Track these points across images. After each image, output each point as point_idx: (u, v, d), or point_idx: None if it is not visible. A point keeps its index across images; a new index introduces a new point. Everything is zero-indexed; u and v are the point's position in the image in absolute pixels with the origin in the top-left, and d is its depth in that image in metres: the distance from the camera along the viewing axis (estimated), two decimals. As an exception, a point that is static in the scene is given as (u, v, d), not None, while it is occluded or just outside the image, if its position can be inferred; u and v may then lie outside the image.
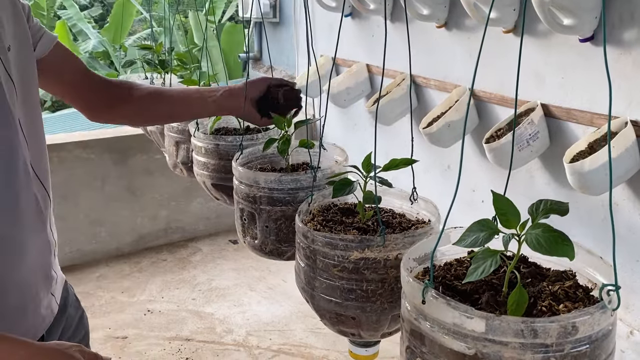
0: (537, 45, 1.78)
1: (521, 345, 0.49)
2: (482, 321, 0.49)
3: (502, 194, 0.56)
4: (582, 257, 0.60)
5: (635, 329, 1.66)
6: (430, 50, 2.22)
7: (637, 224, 1.60)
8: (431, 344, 0.53)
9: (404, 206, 0.86)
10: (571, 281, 0.59)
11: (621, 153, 1.51)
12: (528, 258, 0.64)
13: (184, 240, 3.17)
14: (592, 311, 0.49)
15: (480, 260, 0.54)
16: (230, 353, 2.24)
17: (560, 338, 0.48)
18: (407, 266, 0.61)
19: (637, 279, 1.64)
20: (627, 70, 1.54)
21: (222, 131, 1.29)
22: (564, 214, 0.54)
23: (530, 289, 0.59)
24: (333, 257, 0.74)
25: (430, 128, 1.99)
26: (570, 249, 0.51)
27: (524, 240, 0.53)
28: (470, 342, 0.50)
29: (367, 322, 0.76)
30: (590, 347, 0.50)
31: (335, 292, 0.75)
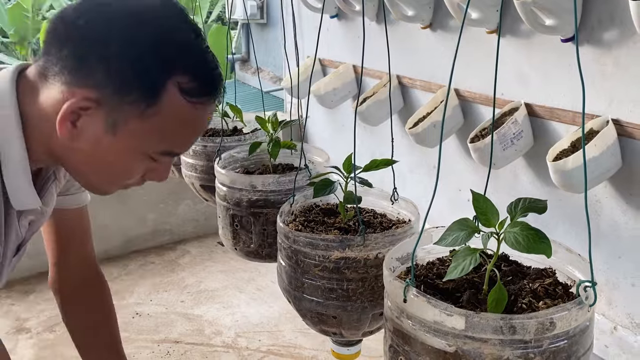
0: (520, 45, 1.81)
1: (500, 341, 0.50)
2: (462, 318, 0.50)
3: (481, 194, 0.57)
4: (562, 254, 0.62)
5: (618, 325, 1.69)
6: (416, 51, 2.24)
7: (619, 221, 1.63)
8: (413, 342, 0.54)
9: (385, 206, 0.87)
10: (551, 279, 0.61)
11: (603, 151, 1.53)
12: (509, 256, 0.66)
13: (172, 243, 3.16)
14: (569, 307, 0.51)
15: (461, 259, 0.55)
16: (220, 355, 2.24)
17: (539, 334, 0.49)
18: (390, 266, 0.61)
19: (619, 275, 1.66)
20: (607, 70, 1.57)
21: (209, 132, 1.30)
22: (541, 212, 0.55)
23: (511, 286, 0.60)
24: (314, 257, 0.75)
25: (415, 128, 2.00)
26: (548, 246, 0.52)
27: (503, 239, 0.54)
28: (450, 340, 0.51)
29: (348, 321, 0.77)
30: (568, 343, 0.51)
31: (316, 291, 0.76)
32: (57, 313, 1.23)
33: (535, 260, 0.63)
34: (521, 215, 0.55)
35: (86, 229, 1.06)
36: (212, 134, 1.27)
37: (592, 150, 1.52)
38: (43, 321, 2.45)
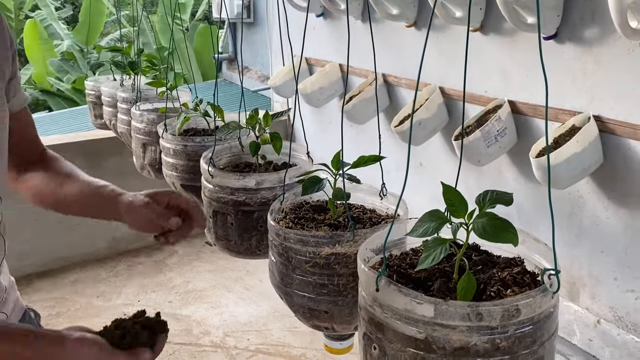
0: (503, 43, 1.82)
1: (468, 328, 0.51)
2: (431, 306, 0.51)
3: (451, 186, 0.58)
4: (530, 244, 0.63)
5: (602, 318, 1.71)
6: (401, 49, 2.26)
7: (601, 216, 1.65)
8: (385, 330, 0.55)
9: (375, 202, 0.88)
10: (519, 267, 0.62)
11: (585, 147, 1.55)
12: (480, 246, 0.67)
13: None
14: (533, 294, 0.52)
15: (431, 249, 0.56)
16: (208, 354, 2.24)
17: (505, 320, 0.51)
18: (364, 257, 0.62)
19: (602, 270, 1.68)
20: (589, 67, 1.59)
21: (190, 132, 1.30)
22: (508, 203, 0.57)
23: (481, 275, 0.61)
24: (305, 253, 0.76)
25: (401, 126, 2.02)
26: (514, 235, 0.53)
27: (472, 229, 0.55)
28: (420, 327, 0.52)
29: (339, 316, 0.77)
30: (533, 328, 0.52)
31: (308, 287, 0.77)
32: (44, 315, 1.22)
33: (505, 250, 0.64)
34: (489, 206, 0.56)
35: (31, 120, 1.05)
36: (193, 134, 1.27)
37: (574, 146, 1.54)
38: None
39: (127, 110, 1.70)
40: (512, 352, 0.52)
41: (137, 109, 1.55)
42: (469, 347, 0.51)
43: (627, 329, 1.64)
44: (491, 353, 0.51)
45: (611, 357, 1.69)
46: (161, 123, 1.24)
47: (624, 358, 1.65)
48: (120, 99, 1.75)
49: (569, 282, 1.80)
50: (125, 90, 1.78)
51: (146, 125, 1.46)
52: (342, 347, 0.82)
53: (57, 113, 5.13)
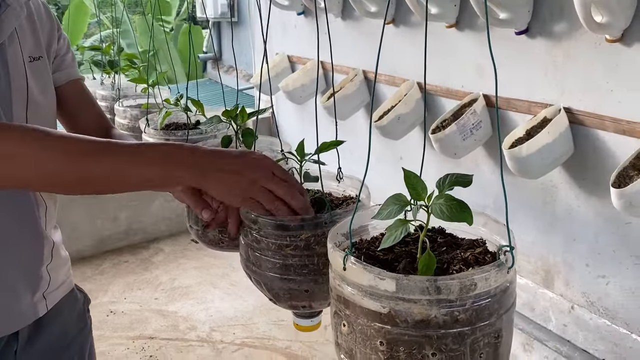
0: (477, 39, 1.87)
1: (428, 301, 0.55)
2: (393, 281, 0.55)
3: (412, 171, 0.62)
4: (491, 226, 0.67)
5: (575, 304, 1.77)
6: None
7: (574, 205, 1.71)
8: (352, 306, 0.59)
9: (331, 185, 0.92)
10: (481, 248, 0.66)
11: (556, 138, 1.60)
12: (445, 230, 0.71)
13: (146, 242, 3.17)
14: (488, 269, 0.56)
15: (393, 230, 0.60)
16: (194, 349, 2.27)
17: (462, 294, 0.54)
18: (335, 240, 0.66)
19: (575, 257, 1.74)
20: (559, 61, 1.64)
21: (172, 126, 1.33)
22: (466, 185, 0.61)
23: (445, 256, 0.65)
24: (285, 237, 0.79)
25: (381, 121, 2.06)
26: (469, 215, 0.57)
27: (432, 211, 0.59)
28: (384, 302, 0.56)
29: (319, 292, 0.81)
30: (490, 302, 0.56)
31: (289, 270, 0.80)
32: None
33: (469, 233, 0.68)
34: (448, 188, 0.60)
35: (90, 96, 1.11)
36: (175, 128, 1.30)
37: (545, 137, 1.59)
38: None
39: (107, 108, 1.73)
40: (471, 323, 0.56)
41: (120, 105, 1.59)
42: (429, 320, 0.55)
43: (599, 314, 1.70)
44: (450, 325, 0.55)
45: (585, 341, 1.75)
46: (143, 118, 1.27)
47: (597, 341, 1.72)
48: (100, 96, 1.78)
49: (544, 270, 1.86)
50: (104, 88, 1.80)
51: (129, 120, 1.49)
52: (313, 324, 0.85)
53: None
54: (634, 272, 1.58)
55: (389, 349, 0.57)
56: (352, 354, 0.61)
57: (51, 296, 0.95)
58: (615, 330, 1.66)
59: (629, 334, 1.63)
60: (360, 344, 0.59)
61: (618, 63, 1.49)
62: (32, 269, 0.92)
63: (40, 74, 0.94)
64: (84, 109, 1.09)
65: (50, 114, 0.98)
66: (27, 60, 0.91)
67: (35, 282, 0.92)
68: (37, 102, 0.92)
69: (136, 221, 3.15)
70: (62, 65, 1.04)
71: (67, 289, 1.01)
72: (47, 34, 0.98)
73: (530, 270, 1.90)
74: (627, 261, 1.59)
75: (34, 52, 0.93)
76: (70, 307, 1.02)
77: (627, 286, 1.61)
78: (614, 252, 1.62)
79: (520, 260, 1.94)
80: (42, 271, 0.93)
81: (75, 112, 1.07)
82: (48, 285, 0.94)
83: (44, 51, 0.96)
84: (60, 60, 1.03)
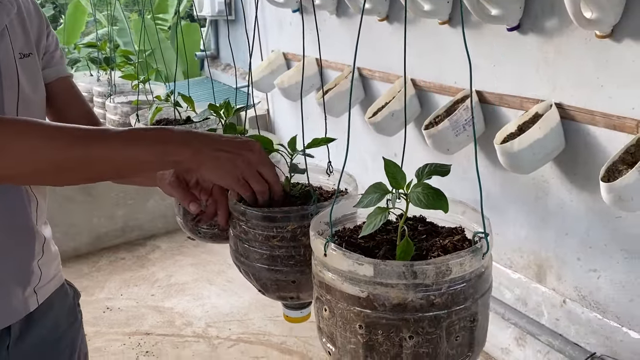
0: (470, 35, 1.88)
1: (405, 285, 0.56)
2: (371, 266, 0.56)
3: (391, 160, 0.63)
4: (470, 214, 0.68)
5: (567, 298, 1.78)
6: (374, 43, 2.31)
7: (565, 200, 1.72)
8: (333, 291, 0.60)
9: (322, 179, 0.93)
10: (460, 235, 0.67)
11: (547, 133, 1.61)
12: (426, 219, 0.72)
13: (143, 239, 3.18)
14: (463, 255, 0.57)
15: (373, 217, 0.61)
16: (190, 344, 2.28)
17: (438, 278, 0.56)
18: (318, 229, 0.67)
19: (567, 251, 1.75)
20: (550, 57, 1.65)
21: (162, 122, 1.34)
22: (444, 174, 0.62)
23: (424, 243, 0.66)
24: (272, 229, 0.80)
25: (375, 118, 2.07)
26: (445, 203, 0.58)
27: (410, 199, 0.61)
28: (363, 286, 0.57)
29: (306, 283, 0.82)
30: (465, 286, 0.58)
31: (275, 261, 0.81)
32: None
33: (449, 222, 0.70)
34: (427, 177, 0.61)
35: (79, 93, 1.11)
36: (166, 124, 1.31)
37: (536, 132, 1.60)
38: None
39: (103, 104, 1.74)
40: (446, 307, 0.57)
41: (111, 102, 1.60)
42: (406, 303, 0.56)
43: (591, 307, 1.71)
44: (427, 308, 0.57)
45: (576, 334, 1.76)
46: (134, 114, 1.28)
47: (588, 335, 1.73)
48: (96, 93, 1.79)
49: (536, 265, 1.87)
50: (101, 85, 1.81)
51: (120, 117, 1.50)
52: (302, 316, 0.86)
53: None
54: (624, 266, 1.59)
55: (368, 332, 0.58)
56: (333, 337, 0.62)
57: (42, 291, 0.96)
58: (607, 323, 1.67)
59: (619, 327, 1.64)
60: (341, 328, 0.60)
61: (608, 59, 1.50)
62: (23, 264, 0.93)
63: (30, 71, 0.95)
64: (74, 106, 1.09)
65: (40, 110, 0.99)
66: (18, 57, 0.92)
67: (26, 277, 0.93)
68: (28, 99, 0.93)
69: (132, 218, 3.16)
70: (52, 62, 1.04)
71: (58, 283, 1.02)
72: (36, 30, 0.99)
73: (523, 265, 1.91)
74: (617, 255, 1.60)
75: (24, 48, 0.94)
76: (61, 302, 1.04)
77: (617, 280, 1.62)
78: (605, 246, 1.64)
79: (513, 255, 1.95)
80: (33, 266, 0.94)
81: (65, 108, 1.08)
82: (39, 280, 0.95)
83: (33, 47, 0.96)
84: (49, 57, 1.04)
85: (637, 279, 1.57)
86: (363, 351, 0.59)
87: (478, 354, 0.64)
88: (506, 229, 1.93)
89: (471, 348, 0.61)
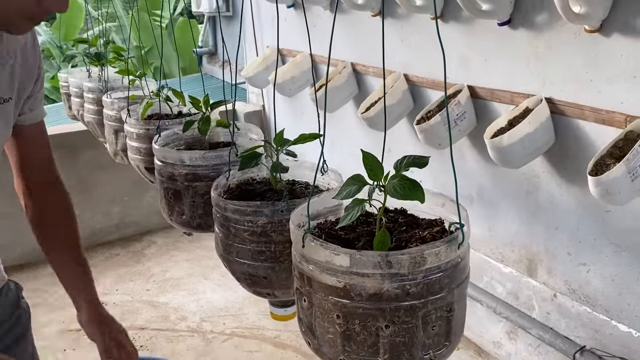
0: (462, 30, 1.89)
1: (381, 275, 0.57)
2: (347, 257, 0.57)
3: (369, 152, 0.64)
4: (449, 207, 0.69)
5: (558, 292, 1.79)
6: (367, 38, 2.31)
7: (556, 194, 1.73)
8: (311, 282, 0.61)
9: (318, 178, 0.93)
10: (439, 227, 0.68)
11: (537, 128, 1.62)
12: (407, 211, 0.73)
13: (138, 234, 3.19)
14: (438, 245, 0.58)
15: (350, 209, 0.62)
16: (184, 339, 2.29)
17: (413, 268, 0.57)
18: (298, 221, 0.68)
19: (557, 245, 1.76)
20: (540, 51, 1.66)
21: (154, 117, 1.35)
22: (422, 166, 0.63)
23: (404, 235, 0.67)
24: (243, 222, 0.81)
25: (367, 113, 2.07)
26: (421, 193, 0.59)
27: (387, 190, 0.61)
28: (339, 276, 0.58)
29: (277, 281, 0.83)
30: (441, 276, 0.58)
31: (247, 255, 0.83)
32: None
33: (429, 214, 0.71)
34: (405, 169, 0.62)
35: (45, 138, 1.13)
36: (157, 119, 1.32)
37: (526, 127, 1.61)
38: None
39: (93, 100, 1.75)
40: (422, 296, 0.58)
41: (108, 97, 1.60)
42: (382, 293, 0.57)
43: (580, 301, 1.73)
44: (402, 298, 0.57)
45: (567, 328, 1.78)
46: (124, 109, 1.29)
47: (578, 328, 1.74)
48: (87, 88, 1.80)
49: (527, 259, 1.88)
50: (91, 81, 1.82)
51: (117, 112, 1.51)
52: (286, 314, 0.88)
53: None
54: (613, 260, 1.60)
55: (345, 321, 0.59)
56: (312, 328, 0.63)
57: None
58: (596, 317, 1.68)
59: (609, 320, 1.65)
60: (319, 318, 0.61)
61: (597, 53, 1.51)
62: None
63: (5, 115, 0.96)
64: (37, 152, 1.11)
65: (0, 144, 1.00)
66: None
67: None
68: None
69: (128, 214, 3.17)
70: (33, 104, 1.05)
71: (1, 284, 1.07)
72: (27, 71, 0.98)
73: (514, 260, 1.93)
74: (607, 249, 1.61)
75: (5, 93, 0.94)
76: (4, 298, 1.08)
77: (607, 274, 1.63)
78: (594, 241, 1.65)
79: (505, 250, 1.96)
80: None
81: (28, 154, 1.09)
82: None
83: (14, 92, 0.97)
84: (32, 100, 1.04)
85: (626, 273, 1.58)
86: (341, 340, 0.60)
87: (456, 343, 0.65)
88: (498, 224, 1.94)
89: (448, 338, 0.62)
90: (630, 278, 1.57)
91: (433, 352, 0.61)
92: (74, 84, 1.97)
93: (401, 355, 0.58)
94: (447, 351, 0.63)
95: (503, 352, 2.02)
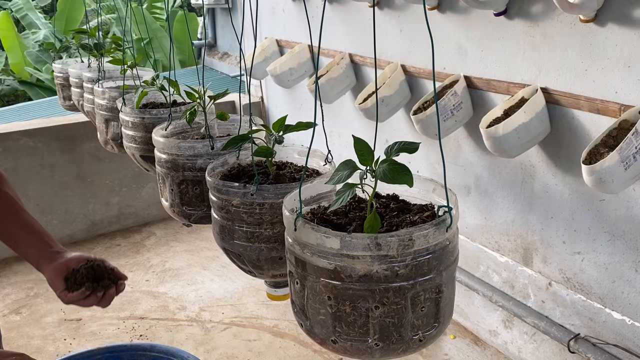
0: (459, 21, 1.89)
1: (370, 257, 0.58)
2: (337, 239, 0.59)
3: (360, 138, 0.65)
4: (440, 192, 0.70)
5: (553, 281, 1.81)
6: (365, 29, 2.32)
7: (551, 183, 1.74)
8: (303, 264, 0.63)
9: (320, 164, 0.95)
10: (429, 212, 0.69)
11: (532, 117, 1.63)
12: (399, 196, 0.74)
13: (138, 225, 3.21)
14: (426, 227, 0.59)
15: (341, 193, 0.63)
16: (184, 328, 2.31)
17: (401, 250, 0.58)
18: (291, 206, 0.69)
19: (552, 234, 1.78)
20: (536, 41, 1.67)
21: (149, 106, 1.36)
22: (412, 151, 0.64)
23: (395, 219, 0.68)
24: (221, 200, 0.83)
25: (364, 104, 2.08)
26: (409, 178, 0.60)
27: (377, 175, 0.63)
28: (330, 258, 0.60)
29: (249, 260, 0.86)
30: (429, 258, 0.60)
31: (224, 231, 0.85)
32: (22, 296, 1.27)
33: (421, 199, 0.72)
34: (395, 154, 0.64)
35: None
36: (152, 107, 1.33)
37: (521, 117, 1.62)
38: (9, 304, 2.49)
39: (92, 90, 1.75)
40: (411, 278, 0.59)
41: (99, 87, 1.61)
42: (371, 274, 0.59)
43: (575, 289, 1.74)
44: (391, 279, 0.59)
45: (561, 316, 1.80)
46: (120, 98, 1.30)
47: (573, 316, 1.76)
48: (86, 79, 1.80)
49: (523, 248, 1.90)
50: (91, 71, 1.83)
51: (108, 101, 1.52)
52: (277, 294, 0.89)
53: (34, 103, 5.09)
54: (607, 248, 1.62)
55: (336, 303, 0.60)
56: (304, 309, 0.64)
57: None
58: (590, 305, 1.70)
59: (602, 308, 1.67)
60: (311, 300, 0.63)
61: (592, 43, 1.52)
62: None
63: None
64: None
65: None
66: None
67: None
68: None
69: (128, 205, 3.18)
70: None
71: None
72: None
73: (510, 249, 1.94)
74: (601, 237, 1.63)
75: None
76: None
77: (601, 262, 1.65)
78: (588, 229, 1.66)
79: (501, 239, 1.97)
80: None
81: None
82: None
83: None
84: None
85: (620, 261, 1.59)
86: (332, 321, 0.61)
87: (445, 325, 0.66)
88: (494, 213, 1.96)
89: (437, 319, 0.64)
90: (623, 266, 1.59)
91: (422, 333, 0.62)
92: (74, 75, 1.98)
93: (391, 336, 0.60)
94: (436, 332, 0.64)
95: (499, 340, 2.05)
